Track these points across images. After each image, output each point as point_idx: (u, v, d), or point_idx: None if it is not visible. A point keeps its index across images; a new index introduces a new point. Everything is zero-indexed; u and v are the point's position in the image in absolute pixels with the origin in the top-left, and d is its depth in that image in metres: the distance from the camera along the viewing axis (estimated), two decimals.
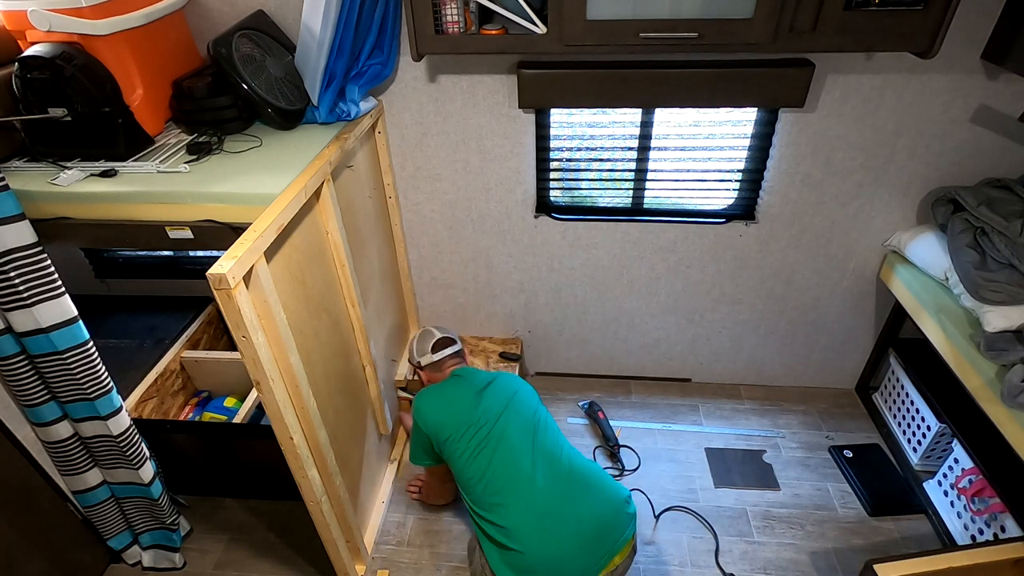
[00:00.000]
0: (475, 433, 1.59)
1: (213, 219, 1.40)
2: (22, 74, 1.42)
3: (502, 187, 2.06)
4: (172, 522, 1.85)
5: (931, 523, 1.94)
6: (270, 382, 1.26)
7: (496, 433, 1.58)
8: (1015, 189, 1.73)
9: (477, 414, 1.62)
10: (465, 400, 1.67)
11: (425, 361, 1.85)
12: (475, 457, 1.56)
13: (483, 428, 1.60)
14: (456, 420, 1.63)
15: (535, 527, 1.45)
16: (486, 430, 1.59)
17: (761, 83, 1.68)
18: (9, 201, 1.26)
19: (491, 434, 1.58)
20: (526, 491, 1.49)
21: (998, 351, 1.57)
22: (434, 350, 1.85)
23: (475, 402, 1.65)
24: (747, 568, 1.85)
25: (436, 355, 1.84)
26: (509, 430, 1.59)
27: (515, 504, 1.48)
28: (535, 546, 1.43)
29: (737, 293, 2.24)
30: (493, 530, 1.48)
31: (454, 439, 1.61)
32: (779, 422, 2.34)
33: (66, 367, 1.45)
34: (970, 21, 1.60)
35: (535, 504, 1.47)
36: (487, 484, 1.52)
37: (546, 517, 1.46)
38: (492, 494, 1.51)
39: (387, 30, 1.71)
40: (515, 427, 1.60)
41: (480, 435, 1.59)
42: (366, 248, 1.88)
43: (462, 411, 1.64)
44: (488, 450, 1.56)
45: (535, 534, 1.44)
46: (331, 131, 1.68)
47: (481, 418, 1.61)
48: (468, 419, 1.62)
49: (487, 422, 1.60)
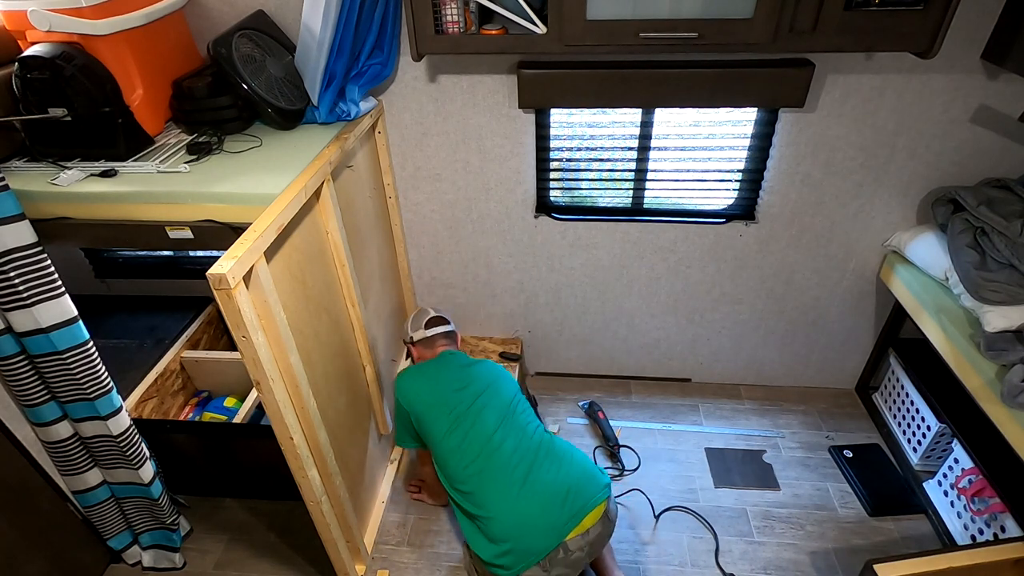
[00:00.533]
0: (451, 410, 1.64)
1: (213, 219, 1.40)
2: (22, 74, 1.42)
3: (502, 187, 2.06)
4: (172, 522, 1.85)
5: (931, 523, 1.94)
6: (270, 382, 1.26)
7: (473, 411, 1.63)
8: (1015, 189, 1.73)
9: (456, 393, 1.67)
10: (445, 379, 1.71)
11: (417, 336, 1.86)
12: (451, 432, 1.61)
13: (460, 406, 1.64)
14: (434, 398, 1.67)
15: (503, 492, 1.50)
16: (463, 407, 1.64)
17: (761, 83, 1.68)
18: (9, 201, 1.26)
19: (468, 411, 1.63)
20: (495, 460, 1.54)
21: (998, 351, 1.57)
22: (427, 326, 1.86)
23: (455, 381, 1.70)
24: (747, 568, 1.85)
25: (429, 331, 1.85)
26: (485, 410, 1.63)
27: (485, 472, 1.53)
28: (503, 509, 1.48)
29: (737, 293, 2.24)
30: (465, 501, 1.54)
31: (432, 416, 1.65)
32: (779, 422, 2.34)
33: (66, 367, 1.45)
34: (970, 21, 1.60)
35: (503, 470, 1.53)
36: (460, 457, 1.57)
37: (513, 481, 1.51)
38: (464, 467, 1.56)
39: (387, 30, 1.71)
40: (491, 407, 1.65)
41: (457, 412, 1.63)
42: (366, 248, 1.89)
43: (441, 389, 1.68)
44: (464, 426, 1.61)
45: (503, 498, 1.49)
46: (331, 131, 1.68)
47: (459, 397, 1.66)
48: (446, 397, 1.66)
49: (464, 400, 1.65)
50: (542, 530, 1.45)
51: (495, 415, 1.63)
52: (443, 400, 1.66)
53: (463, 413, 1.63)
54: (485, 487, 1.52)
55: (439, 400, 1.67)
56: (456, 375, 1.72)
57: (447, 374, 1.73)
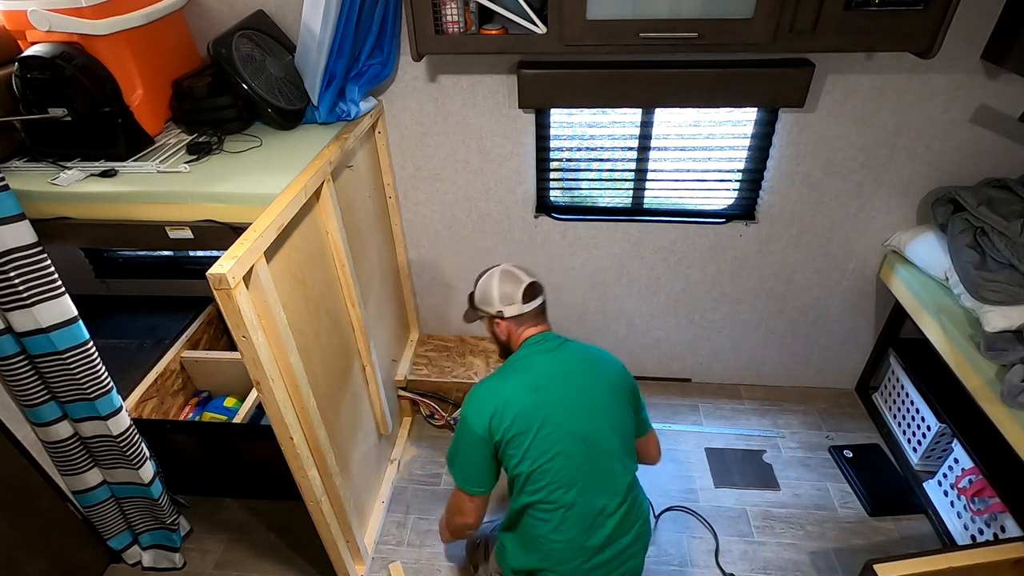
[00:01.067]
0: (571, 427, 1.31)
1: (213, 219, 1.40)
2: (22, 74, 1.42)
3: (502, 187, 2.06)
4: (172, 522, 1.85)
5: (931, 523, 1.94)
6: (270, 382, 1.26)
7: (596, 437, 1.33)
8: (1015, 189, 1.73)
9: (578, 400, 1.34)
10: (559, 378, 1.36)
11: (510, 312, 1.43)
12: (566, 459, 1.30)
13: (581, 421, 1.32)
14: (547, 405, 1.32)
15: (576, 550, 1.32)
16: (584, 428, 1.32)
17: (761, 83, 1.68)
18: (9, 201, 1.26)
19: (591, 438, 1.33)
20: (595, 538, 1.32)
21: (998, 351, 1.57)
22: (525, 298, 1.44)
23: (571, 383, 1.35)
24: (747, 568, 1.85)
25: (528, 305, 1.43)
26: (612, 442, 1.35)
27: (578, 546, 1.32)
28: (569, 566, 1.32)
29: (737, 293, 2.24)
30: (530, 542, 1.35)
31: (545, 432, 1.30)
32: (779, 422, 2.34)
33: (66, 367, 1.45)
34: (970, 21, 1.60)
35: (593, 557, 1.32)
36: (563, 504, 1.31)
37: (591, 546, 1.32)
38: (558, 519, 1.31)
39: (387, 30, 1.71)
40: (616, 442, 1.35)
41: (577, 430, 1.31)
42: (366, 248, 1.89)
43: (555, 393, 1.33)
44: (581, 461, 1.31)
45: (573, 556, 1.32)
46: (331, 131, 1.68)
47: (583, 411, 1.33)
48: (565, 407, 1.32)
49: (587, 417, 1.33)
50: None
51: (620, 464, 1.35)
52: (560, 412, 1.31)
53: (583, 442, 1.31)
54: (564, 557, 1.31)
55: (552, 412, 1.31)
56: (571, 375, 1.37)
57: (560, 373, 1.36)
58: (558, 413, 1.32)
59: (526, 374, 1.38)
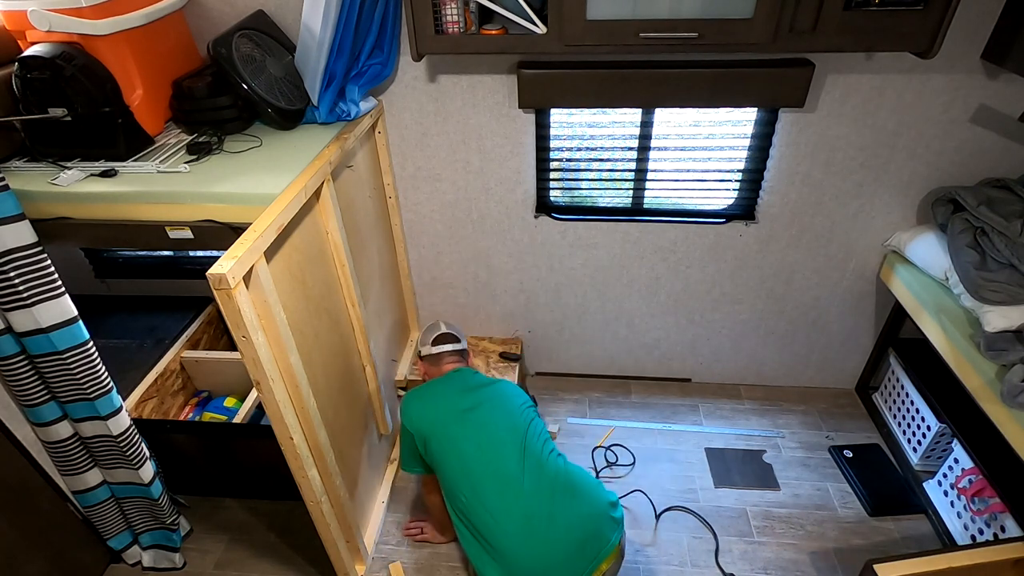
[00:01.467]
0: (460, 435, 1.56)
1: (213, 219, 1.40)
2: (22, 74, 1.42)
3: (502, 187, 2.06)
4: (172, 522, 1.85)
5: (931, 523, 1.94)
6: (270, 382, 1.26)
7: (485, 437, 1.55)
8: (1015, 189, 1.73)
9: (464, 415, 1.59)
10: (452, 399, 1.64)
11: (424, 352, 1.82)
12: (461, 460, 1.53)
13: (469, 429, 1.56)
14: (441, 420, 1.60)
15: (523, 534, 1.43)
16: (473, 431, 1.56)
17: (761, 83, 1.68)
18: (9, 201, 1.26)
19: (479, 437, 1.55)
20: (512, 494, 1.47)
21: (998, 351, 1.57)
22: (434, 343, 1.81)
23: (462, 402, 1.62)
24: (747, 568, 1.85)
25: (435, 348, 1.80)
26: (498, 436, 1.56)
27: (502, 511, 1.46)
28: (523, 553, 1.42)
29: (737, 293, 2.24)
30: (477, 535, 1.48)
31: (439, 440, 1.57)
32: (779, 422, 2.34)
33: (66, 367, 1.45)
34: (970, 21, 1.60)
35: (523, 509, 1.46)
36: (472, 489, 1.50)
37: (534, 525, 1.44)
38: (479, 502, 1.48)
39: (387, 30, 1.71)
40: (504, 432, 1.57)
41: (466, 436, 1.55)
42: (366, 248, 1.89)
43: (447, 410, 1.61)
44: (476, 455, 1.53)
45: (523, 542, 1.43)
46: (331, 131, 1.68)
47: (469, 419, 1.58)
48: (453, 419, 1.59)
49: (473, 424, 1.57)
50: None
51: (509, 442, 1.55)
52: (449, 422, 1.59)
53: (473, 439, 1.55)
54: (503, 526, 1.45)
55: (445, 422, 1.59)
56: (464, 396, 1.64)
57: (454, 394, 1.65)
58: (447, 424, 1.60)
59: (433, 395, 1.69)
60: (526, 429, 1.59)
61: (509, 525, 1.45)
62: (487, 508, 1.47)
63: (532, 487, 1.49)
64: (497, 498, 1.48)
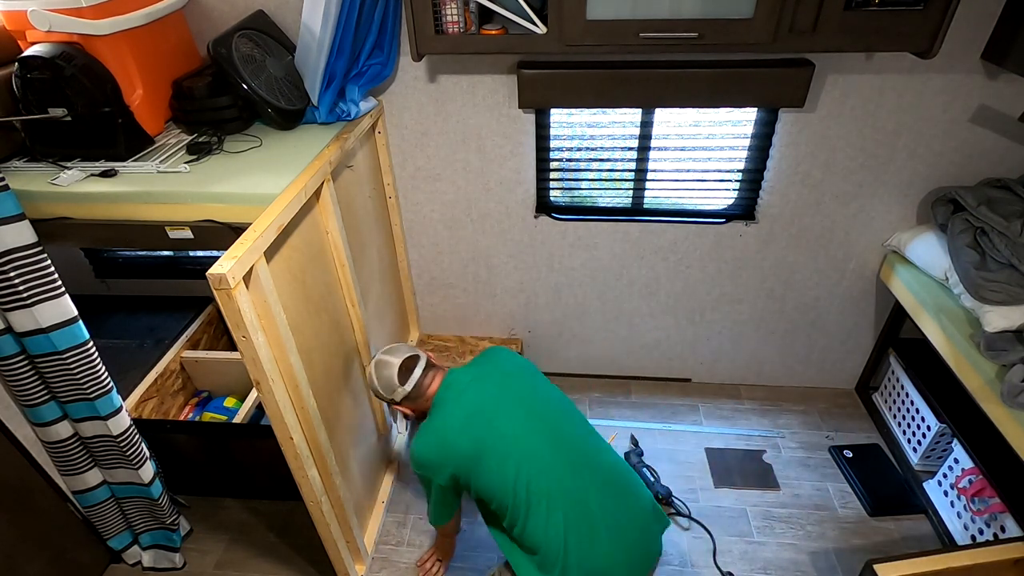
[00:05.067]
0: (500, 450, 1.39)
1: (213, 219, 1.40)
2: (22, 74, 1.42)
3: (502, 187, 2.06)
4: (172, 522, 1.85)
5: (931, 523, 1.94)
6: (270, 382, 1.26)
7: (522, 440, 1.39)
8: (1015, 189, 1.73)
9: (485, 434, 1.40)
10: (464, 421, 1.43)
11: (399, 396, 1.52)
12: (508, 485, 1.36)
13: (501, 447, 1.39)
14: (468, 451, 1.40)
15: (584, 539, 1.34)
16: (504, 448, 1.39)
17: (761, 83, 1.68)
18: (9, 201, 1.26)
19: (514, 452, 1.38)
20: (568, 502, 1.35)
21: (998, 351, 1.57)
22: (402, 380, 1.51)
23: (477, 419, 1.42)
24: (747, 568, 1.85)
25: (408, 384, 1.51)
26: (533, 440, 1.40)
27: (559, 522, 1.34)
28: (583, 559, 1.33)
29: (737, 293, 2.24)
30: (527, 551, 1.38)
31: (487, 468, 1.38)
32: (779, 422, 2.34)
33: (66, 367, 1.45)
34: (970, 21, 1.60)
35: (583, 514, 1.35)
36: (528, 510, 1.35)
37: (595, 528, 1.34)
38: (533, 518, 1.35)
39: (387, 30, 1.71)
40: (532, 427, 1.42)
41: (502, 455, 1.38)
42: (366, 248, 1.89)
43: (473, 438, 1.40)
44: (521, 474, 1.36)
45: (581, 548, 1.33)
46: (331, 131, 1.68)
47: (497, 429, 1.41)
48: (479, 443, 1.40)
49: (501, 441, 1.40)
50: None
51: (546, 442, 1.40)
52: (480, 450, 1.39)
53: (510, 454, 1.37)
54: (567, 541, 1.33)
55: (485, 449, 1.38)
56: (478, 410, 1.43)
57: (463, 416, 1.43)
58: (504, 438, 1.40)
59: (450, 420, 1.45)
60: (550, 410, 1.47)
61: (567, 533, 1.33)
62: (551, 530, 1.34)
63: (585, 487, 1.37)
64: (559, 513, 1.34)
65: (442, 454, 1.42)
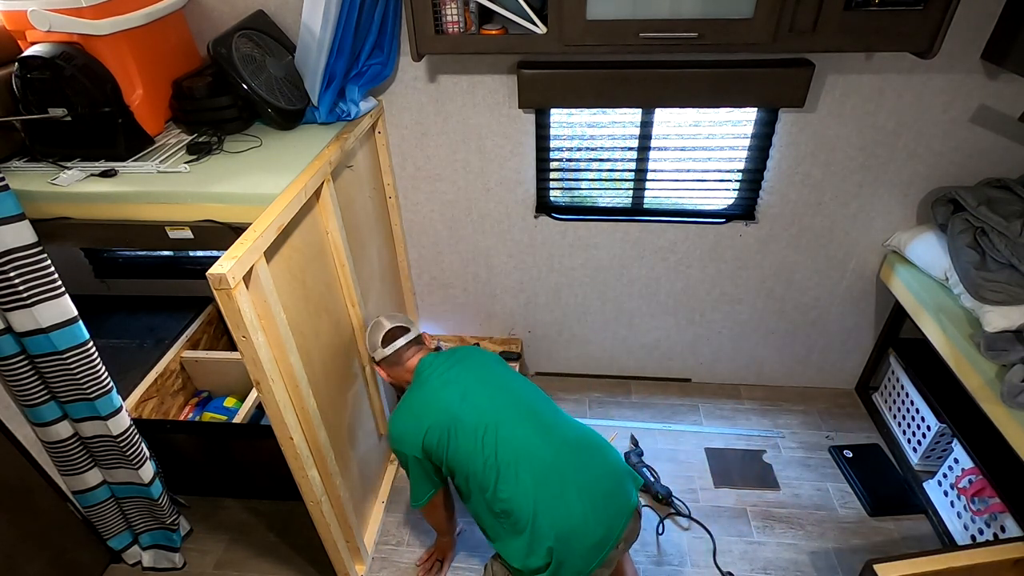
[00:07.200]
0: (473, 426, 1.46)
1: (213, 219, 1.40)
2: (22, 74, 1.42)
3: (502, 187, 2.06)
4: (172, 522, 1.85)
5: (931, 523, 1.94)
6: (270, 382, 1.26)
7: (491, 416, 1.46)
8: (1015, 189, 1.73)
9: (462, 405, 1.48)
10: (440, 396, 1.51)
11: (378, 356, 1.65)
12: (475, 450, 1.43)
13: (473, 414, 1.46)
14: (442, 423, 1.47)
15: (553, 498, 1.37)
16: (478, 415, 1.46)
17: (761, 83, 1.68)
18: (9, 201, 1.26)
19: (486, 417, 1.46)
20: (538, 465, 1.40)
21: (998, 351, 1.57)
22: (384, 343, 1.63)
23: (451, 394, 1.50)
24: (747, 568, 1.85)
25: (388, 349, 1.62)
26: (503, 411, 1.48)
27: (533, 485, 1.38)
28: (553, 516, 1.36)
29: (737, 293, 2.24)
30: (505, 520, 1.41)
31: (461, 443, 1.45)
32: (779, 422, 2.34)
33: (66, 367, 1.45)
34: (970, 21, 1.60)
35: (551, 475, 1.39)
36: (497, 474, 1.40)
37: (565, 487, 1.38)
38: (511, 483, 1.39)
39: (387, 30, 1.71)
40: (507, 405, 1.49)
41: (476, 422, 1.45)
42: (366, 248, 1.88)
43: (443, 410, 1.48)
44: (490, 438, 1.43)
45: (556, 506, 1.37)
46: (331, 131, 1.68)
47: (468, 406, 1.48)
48: (453, 417, 1.47)
49: (475, 407, 1.48)
50: (597, 539, 1.36)
51: (515, 413, 1.47)
52: (453, 424, 1.45)
53: (481, 423, 1.44)
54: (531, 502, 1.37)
55: (448, 426, 1.45)
56: (448, 388, 1.52)
57: (439, 392, 1.52)
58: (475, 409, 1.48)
59: (425, 394, 1.54)
60: (520, 390, 1.56)
61: (537, 493, 1.38)
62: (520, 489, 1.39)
63: (554, 448, 1.43)
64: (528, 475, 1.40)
65: (417, 425, 1.49)
